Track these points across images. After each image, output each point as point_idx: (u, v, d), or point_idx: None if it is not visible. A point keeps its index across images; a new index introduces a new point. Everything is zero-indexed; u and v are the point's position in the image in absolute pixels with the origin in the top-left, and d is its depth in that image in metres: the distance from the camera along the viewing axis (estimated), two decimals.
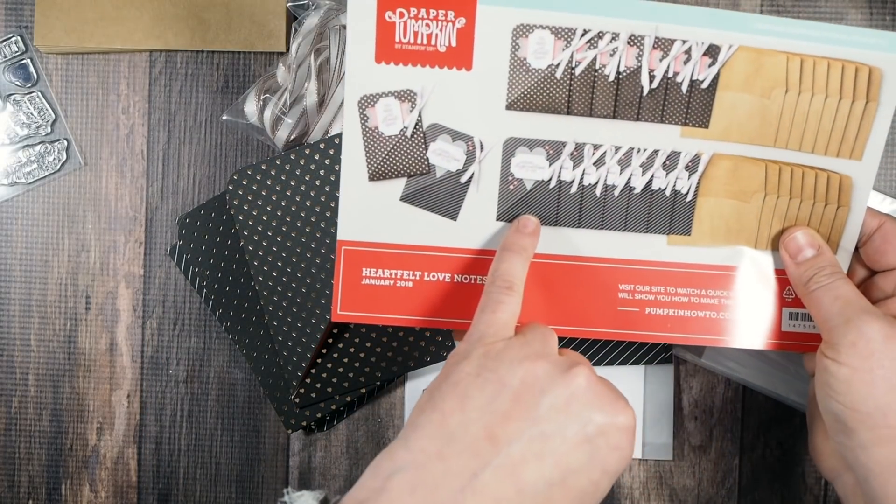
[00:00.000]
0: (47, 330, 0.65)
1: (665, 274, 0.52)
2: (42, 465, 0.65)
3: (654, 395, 0.63)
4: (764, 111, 0.49)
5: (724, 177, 0.51)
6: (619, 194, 0.51)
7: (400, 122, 0.50)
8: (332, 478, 0.64)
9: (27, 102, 0.64)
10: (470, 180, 0.51)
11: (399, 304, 0.52)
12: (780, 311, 0.52)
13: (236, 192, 0.60)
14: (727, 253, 0.52)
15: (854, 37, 0.48)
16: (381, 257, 0.51)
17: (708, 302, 0.52)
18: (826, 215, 0.51)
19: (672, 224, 0.51)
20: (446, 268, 0.52)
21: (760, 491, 0.64)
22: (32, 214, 0.64)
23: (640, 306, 0.52)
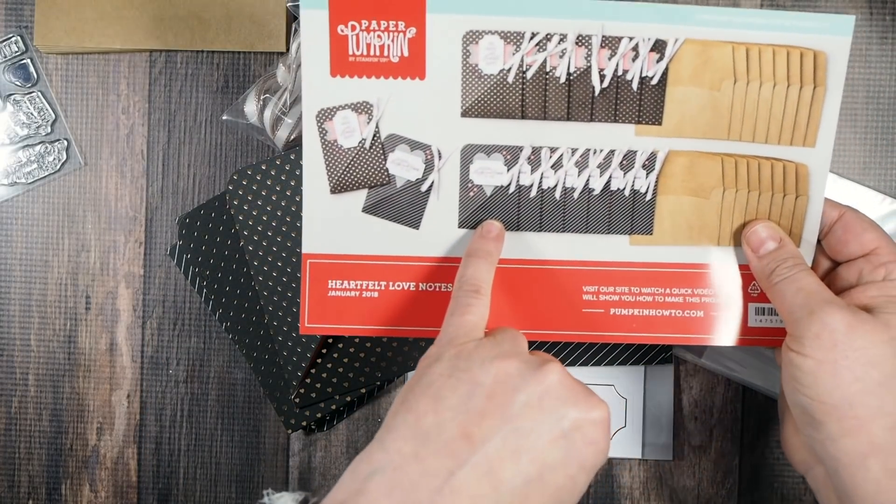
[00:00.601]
0: (47, 330, 0.65)
1: (628, 274, 0.52)
2: (42, 465, 0.65)
3: (654, 395, 0.63)
4: (715, 103, 0.49)
5: (681, 174, 0.51)
6: (579, 196, 0.51)
7: (358, 134, 0.50)
8: (332, 478, 0.64)
9: (27, 102, 0.64)
10: (430, 189, 0.51)
11: (366, 315, 0.52)
12: (746, 306, 0.52)
13: (236, 192, 0.60)
14: (690, 251, 0.52)
15: (797, 22, 0.48)
16: (346, 269, 0.52)
17: (673, 300, 0.52)
18: (786, 206, 0.51)
19: (633, 224, 0.51)
20: (411, 277, 0.52)
21: (760, 491, 0.64)
22: (32, 214, 0.64)
23: (605, 307, 0.52)
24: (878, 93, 0.63)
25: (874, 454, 0.44)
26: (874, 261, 0.49)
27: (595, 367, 0.62)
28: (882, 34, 0.63)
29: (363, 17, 0.48)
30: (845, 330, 0.44)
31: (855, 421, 0.44)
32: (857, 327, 0.45)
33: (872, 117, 0.63)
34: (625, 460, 0.64)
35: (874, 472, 0.44)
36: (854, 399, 0.44)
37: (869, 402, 0.44)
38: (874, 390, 0.44)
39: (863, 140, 0.63)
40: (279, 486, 0.65)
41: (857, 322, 0.45)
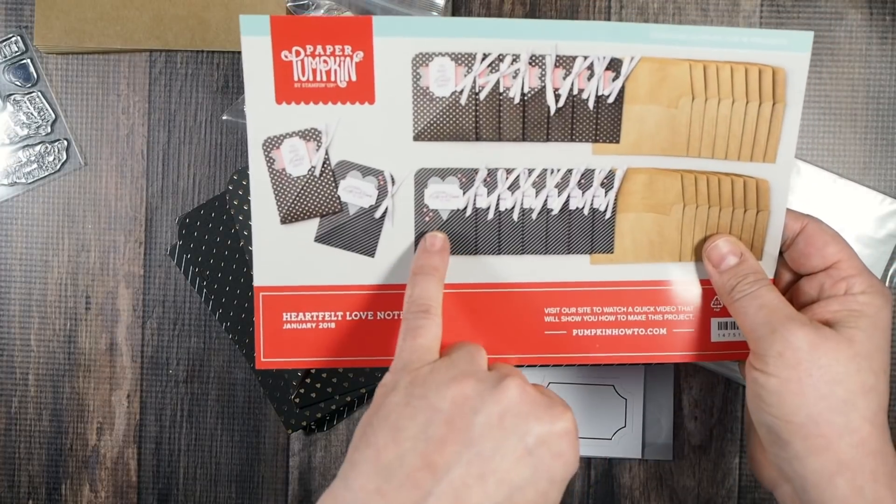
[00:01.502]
0: (47, 330, 0.65)
1: (590, 294, 0.51)
2: (42, 465, 0.65)
3: (654, 395, 0.63)
4: (672, 121, 0.49)
5: (640, 191, 0.50)
6: (537, 217, 0.50)
7: (307, 162, 0.49)
8: (332, 478, 0.64)
9: (27, 102, 0.64)
10: (384, 215, 0.50)
11: (323, 347, 0.51)
12: (708, 321, 0.51)
13: (236, 192, 0.60)
14: (651, 268, 0.51)
15: (754, 38, 0.48)
16: (301, 300, 0.50)
17: (635, 319, 0.51)
18: (747, 221, 0.50)
19: (594, 243, 0.51)
20: (368, 306, 0.51)
21: (760, 491, 0.64)
22: (32, 214, 0.64)
23: (568, 328, 0.51)
24: (878, 93, 0.63)
25: (841, 472, 0.43)
26: (835, 275, 0.48)
27: (595, 366, 0.62)
28: (882, 34, 0.63)
29: (308, 42, 0.47)
30: (808, 348, 0.44)
31: (821, 440, 0.43)
32: (821, 345, 0.44)
33: (872, 117, 0.63)
34: (625, 460, 0.64)
35: (842, 490, 0.43)
36: (820, 417, 0.43)
37: (835, 420, 0.43)
38: (839, 408, 0.43)
39: (863, 140, 0.63)
40: (279, 485, 0.65)
41: (819, 339, 0.44)
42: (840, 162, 0.63)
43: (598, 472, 0.64)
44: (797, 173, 0.62)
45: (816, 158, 0.63)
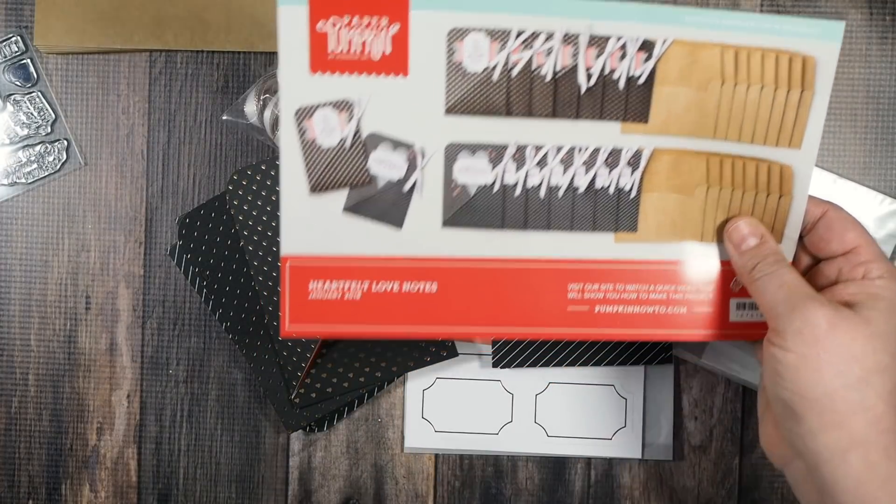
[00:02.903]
0: (47, 330, 0.65)
1: (613, 272, 0.51)
2: (42, 465, 0.65)
3: (654, 395, 0.63)
4: (701, 104, 0.49)
5: (666, 171, 0.50)
6: (564, 195, 0.51)
7: (338, 133, 0.49)
8: (332, 478, 0.64)
9: (27, 102, 0.64)
10: (413, 188, 0.50)
11: (348, 317, 0.51)
12: (727, 302, 0.52)
13: (236, 192, 0.60)
14: (674, 248, 0.51)
15: (787, 26, 0.48)
16: (327, 270, 0.51)
17: (657, 297, 0.52)
18: (769, 205, 0.51)
19: (618, 221, 0.51)
20: (394, 277, 0.51)
21: (760, 491, 0.64)
22: (32, 214, 0.64)
23: (590, 305, 0.52)
24: (878, 93, 0.63)
25: (854, 448, 0.44)
26: (853, 259, 0.49)
27: (595, 367, 0.62)
28: (882, 34, 0.63)
29: (344, 12, 0.47)
30: (827, 325, 0.44)
31: (836, 415, 0.44)
32: (839, 324, 0.45)
33: (872, 117, 0.63)
34: (625, 460, 0.64)
35: (855, 466, 0.44)
36: (835, 394, 0.44)
37: (850, 397, 0.44)
38: (855, 385, 0.44)
39: (863, 140, 0.63)
40: (279, 485, 0.65)
41: (838, 319, 0.45)
42: (840, 162, 0.63)
43: (598, 472, 0.64)
44: None
45: (817, 158, 0.63)
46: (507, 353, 0.62)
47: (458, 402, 0.63)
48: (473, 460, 0.64)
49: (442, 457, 0.64)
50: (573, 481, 0.64)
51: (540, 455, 0.64)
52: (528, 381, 0.64)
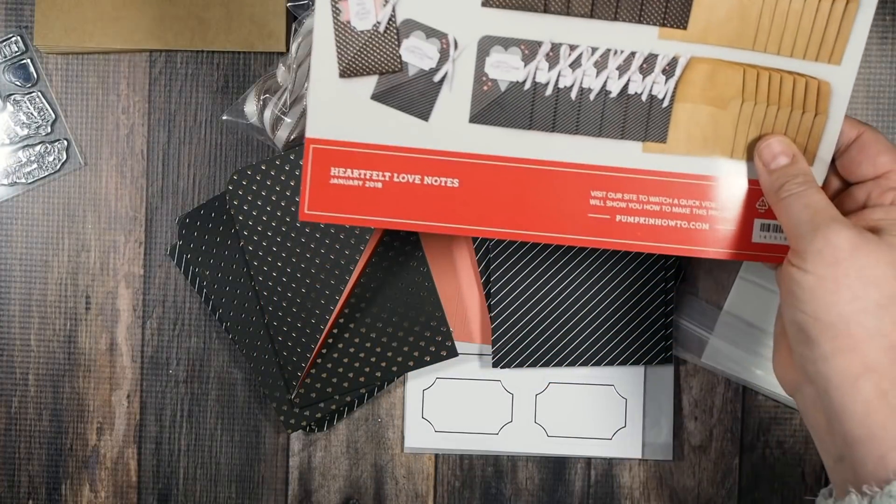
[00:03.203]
0: (47, 330, 0.65)
1: (638, 182, 0.51)
2: (42, 465, 0.65)
3: (654, 395, 0.63)
4: (743, 11, 0.48)
5: (701, 81, 0.50)
6: (595, 98, 0.50)
7: (373, 17, 0.48)
8: (332, 478, 0.64)
9: (27, 102, 0.64)
10: (443, 80, 0.49)
11: (368, 205, 0.50)
12: (751, 221, 0.51)
13: (236, 192, 0.60)
14: (702, 162, 0.51)
15: None
16: (351, 157, 0.50)
17: (680, 211, 0.51)
18: (804, 124, 0.50)
19: (648, 130, 0.50)
20: (417, 169, 0.50)
21: (760, 491, 0.64)
22: (32, 214, 0.64)
23: (612, 213, 0.51)
24: (878, 93, 0.63)
25: (866, 374, 0.43)
26: (883, 184, 0.48)
27: (595, 367, 0.62)
28: (882, 34, 0.63)
29: None
30: (849, 248, 0.44)
31: (849, 340, 0.43)
32: (862, 246, 0.44)
33: (872, 117, 0.63)
34: (625, 460, 0.64)
35: (865, 392, 0.43)
36: (851, 318, 0.43)
37: (865, 322, 0.43)
38: (872, 310, 0.43)
39: None
40: (279, 485, 0.65)
41: (861, 241, 0.44)
42: None
43: (598, 472, 0.64)
44: None
45: None
46: (507, 353, 0.62)
47: (458, 402, 0.63)
48: (473, 460, 0.64)
49: (442, 457, 0.64)
50: (573, 481, 0.64)
51: (540, 455, 0.64)
52: (528, 381, 0.64)
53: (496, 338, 0.62)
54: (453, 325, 0.63)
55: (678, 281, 0.62)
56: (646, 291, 0.62)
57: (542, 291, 0.62)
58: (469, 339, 0.63)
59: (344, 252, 0.59)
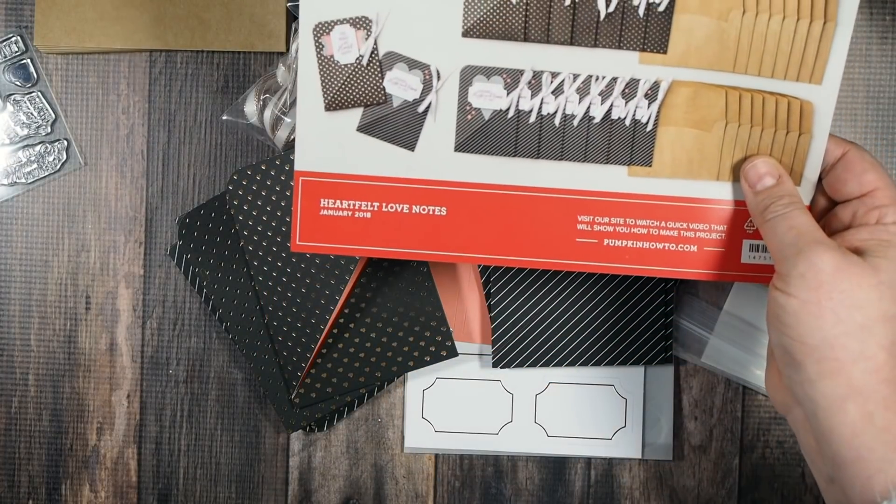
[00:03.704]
0: (47, 330, 0.65)
1: (625, 205, 0.51)
2: (42, 465, 0.65)
3: (654, 395, 0.63)
4: (722, 34, 0.48)
5: (684, 105, 0.50)
6: (579, 124, 0.50)
7: (356, 51, 0.49)
8: (332, 478, 0.64)
9: (27, 102, 0.64)
10: (427, 110, 0.50)
11: (358, 235, 0.51)
12: (740, 242, 0.52)
13: (236, 192, 0.60)
14: (688, 185, 0.51)
15: None
16: (339, 188, 0.51)
17: (667, 234, 0.51)
18: (788, 143, 0.50)
19: (633, 155, 0.51)
20: (405, 199, 0.51)
21: (760, 491, 0.64)
22: (32, 214, 0.64)
23: (599, 238, 0.51)
24: (878, 93, 0.63)
25: (852, 397, 0.43)
26: (869, 203, 0.48)
27: (595, 367, 0.62)
28: (882, 34, 0.63)
29: None
30: (832, 271, 0.44)
31: (834, 363, 0.43)
32: (845, 269, 0.44)
33: (872, 117, 0.63)
34: (625, 460, 0.64)
35: (851, 415, 0.43)
36: (835, 341, 0.43)
37: (849, 345, 0.43)
38: (856, 333, 0.43)
39: (863, 140, 0.63)
40: (279, 485, 0.65)
41: (845, 264, 0.44)
42: None
43: (598, 472, 0.64)
44: None
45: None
46: (507, 353, 0.62)
47: (458, 402, 0.64)
48: (473, 460, 0.64)
49: (442, 457, 0.64)
50: (573, 481, 0.64)
51: (540, 455, 0.64)
52: (528, 381, 0.64)
53: (496, 338, 0.62)
54: (453, 325, 0.63)
55: (678, 281, 0.62)
56: (646, 291, 0.62)
57: (542, 291, 0.62)
58: (469, 339, 0.63)
59: None
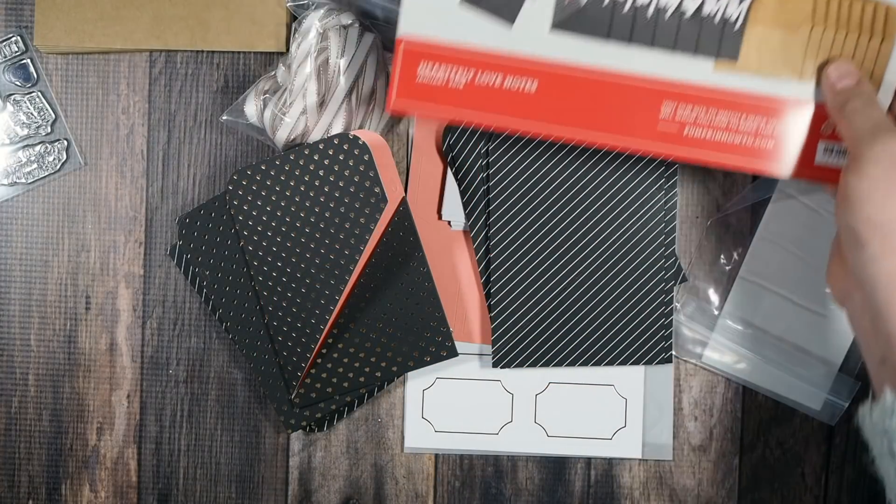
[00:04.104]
0: (47, 330, 0.65)
1: (708, 97, 0.53)
2: (42, 465, 0.65)
3: (654, 395, 0.63)
4: None
5: (773, 5, 0.52)
6: (670, 18, 0.53)
7: None
8: (332, 478, 0.64)
9: (27, 102, 0.64)
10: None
11: (450, 101, 0.54)
12: (815, 143, 0.54)
13: (236, 192, 0.60)
14: (771, 82, 0.53)
15: None
16: (437, 55, 0.53)
17: (746, 128, 0.54)
18: (871, 48, 0.52)
19: (721, 48, 0.53)
20: (498, 70, 0.53)
21: (760, 491, 0.64)
22: (32, 214, 0.64)
23: (680, 126, 0.54)
24: None
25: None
26: None
27: (595, 367, 0.62)
28: None
29: None
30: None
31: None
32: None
33: None
34: (625, 460, 0.64)
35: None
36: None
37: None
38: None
39: None
40: (279, 485, 0.65)
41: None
42: None
43: (598, 472, 0.64)
44: None
45: None
46: (507, 353, 0.62)
47: (458, 402, 0.64)
48: (473, 460, 0.64)
49: (442, 457, 0.64)
50: (573, 481, 0.64)
51: (540, 455, 0.64)
52: (528, 381, 0.64)
53: (496, 338, 0.62)
54: (453, 325, 0.63)
55: (678, 281, 0.62)
56: (646, 291, 0.62)
57: (542, 291, 0.62)
58: (469, 339, 0.63)
59: (344, 252, 0.59)
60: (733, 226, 0.63)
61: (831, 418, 0.63)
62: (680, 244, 0.63)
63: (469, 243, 0.63)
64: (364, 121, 0.61)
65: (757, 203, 0.63)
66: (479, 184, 0.62)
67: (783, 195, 0.62)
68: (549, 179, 0.61)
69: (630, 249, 0.61)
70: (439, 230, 0.63)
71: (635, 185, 0.61)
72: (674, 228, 0.62)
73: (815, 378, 0.62)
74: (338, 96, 0.60)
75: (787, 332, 0.62)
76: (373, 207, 0.58)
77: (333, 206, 0.58)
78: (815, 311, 0.62)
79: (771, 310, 0.62)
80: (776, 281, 0.62)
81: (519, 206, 0.61)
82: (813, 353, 0.62)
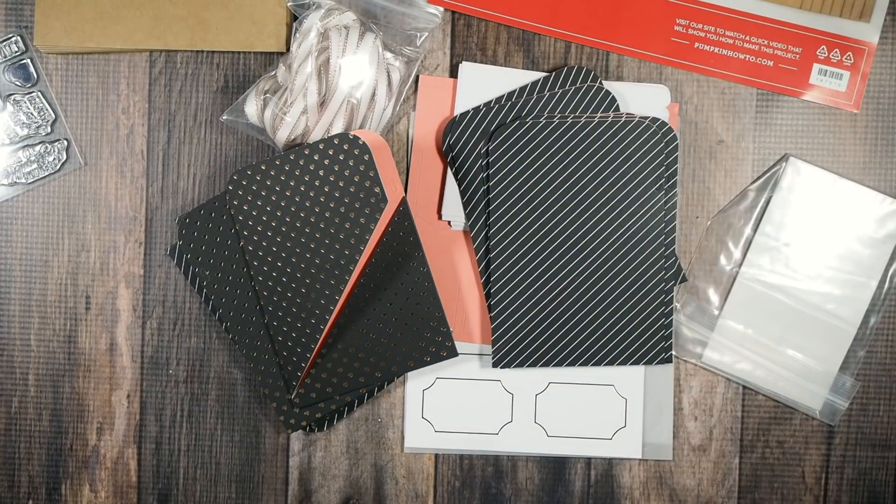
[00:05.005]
0: (47, 330, 0.65)
1: (717, 16, 0.61)
2: (42, 465, 0.65)
3: (654, 395, 0.63)
4: None
5: None
6: None
7: None
8: (332, 478, 0.64)
9: (27, 102, 0.64)
10: None
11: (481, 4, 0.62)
12: (810, 65, 0.61)
13: (236, 192, 0.60)
14: (772, 7, 0.60)
15: None
16: None
17: (749, 47, 0.61)
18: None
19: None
20: None
21: (760, 491, 0.64)
22: (32, 214, 0.64)
23: (691, 40, 0.61)
24: (878, 93, 0.63)
25: None
26: None
27: (595, 367, 0.62)
28: (882, 34, 0.63)
29: None
30: None
31: None
32: None
33: (872, 117, 0.63)
34: (625, 460, 0.64)
35: None
36: None
37: None
38: None
39: (863, 140, 0.63)
40: (279, 485, 0.65)
41: None
42: (840, 162, 0.63)
43: (598, 472, 0.64)
44: (797, 173, 0.62)
45: (816, 158, 0.63)
46: (507, 353, 0.62)
47: (458, 402, 0.64)
48: (473, 460, 0.64)
49: (442, 457, 0.64)
50: (573, 481, 0.64)
51: (540, 455, 0.64)
52: (528, 381, 0.64)
53: (496, 338, 0.62)
54: (453, 325, 0.63)
55: (678, 281, 0.62)
56: (646, 291, 0.62)
57: (543, 291, 0.62)
58: (469, 339, 0.63)
59: (344, 252, 0.59)
60: (733, 226, 0.63)
61: (831, 418, 0.63)
62: (680, 244, 0.63)
63: (469, 243, 0.63)
64: (364, 121, 0.61)
65: (757, 203, 0.63)
66: (479, 184, 0.62)
67: (783, 193, 0.62)
68: (549, 179, 0.61)
69: (630, 249, 0.61)
70: (439, 230, 0.63)
71: (635, 185, 0.61)
72: (674, 228, 0.62)
73: (815, 378, 0.62)
74: (338, 96, 0.60)
75: (787, 332, 0.62)
76: (373, 207, 0.58)
77: (333, 206, 0.58)
78: (815, 312, 0.62)
79: (771, 310, 0.62)
80: (776, 281, 0.62)
81: (519, 207, 0.61)
82: (813, 354, 0.62)
